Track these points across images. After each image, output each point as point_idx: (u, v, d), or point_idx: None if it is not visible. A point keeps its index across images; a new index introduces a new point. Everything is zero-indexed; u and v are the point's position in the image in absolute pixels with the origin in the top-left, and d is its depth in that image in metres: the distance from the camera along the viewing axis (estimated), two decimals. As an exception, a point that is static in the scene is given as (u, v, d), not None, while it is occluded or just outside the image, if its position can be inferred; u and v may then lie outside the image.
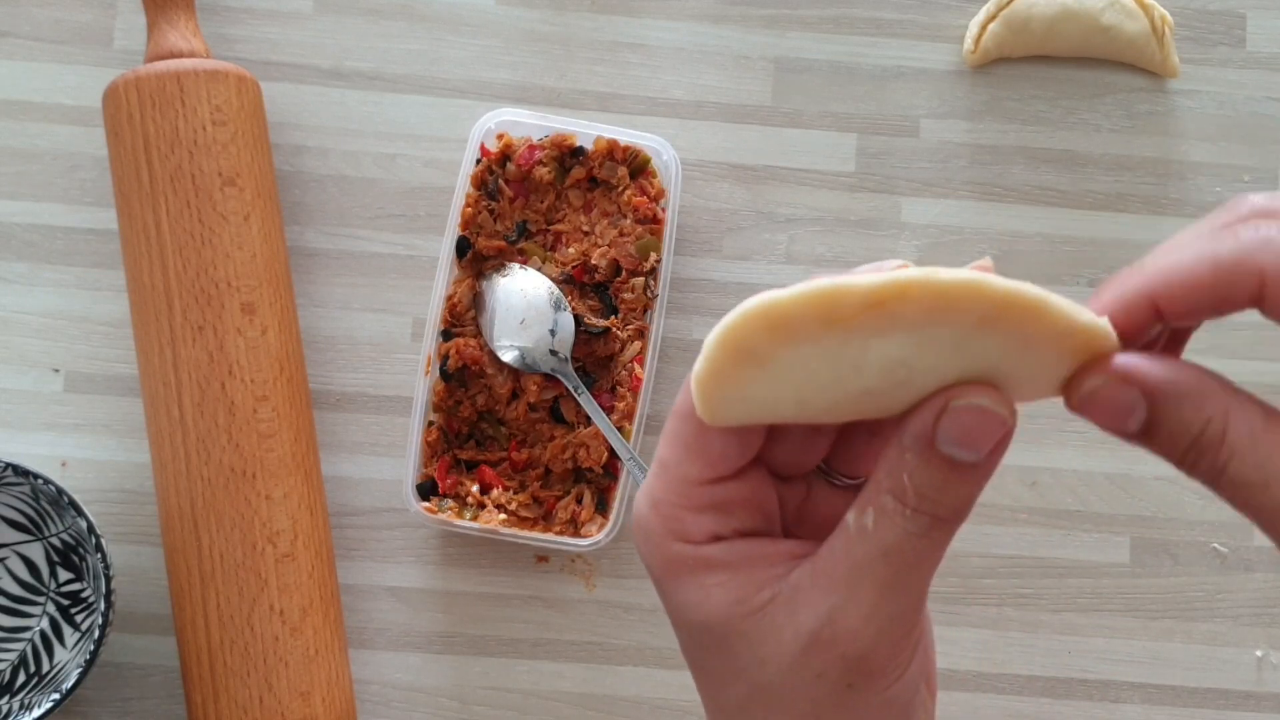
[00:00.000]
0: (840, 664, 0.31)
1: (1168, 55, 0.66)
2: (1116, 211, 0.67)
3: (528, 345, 0.62)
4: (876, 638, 0.31)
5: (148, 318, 0.59)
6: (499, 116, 0.63)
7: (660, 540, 0.33)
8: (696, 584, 0.33)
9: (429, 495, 0.62)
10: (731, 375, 0.30)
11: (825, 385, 0.30)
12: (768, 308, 0.29)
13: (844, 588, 0.31)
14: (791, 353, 0.30)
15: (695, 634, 0.33)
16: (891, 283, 0.28)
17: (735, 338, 0.30)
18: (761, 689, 0.32)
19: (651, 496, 0.33)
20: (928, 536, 0.31)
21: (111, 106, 0.60)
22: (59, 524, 0.61)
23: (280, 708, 0.58)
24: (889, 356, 0.30)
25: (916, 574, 0.31)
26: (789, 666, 0.32)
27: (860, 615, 0.31)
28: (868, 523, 0.31)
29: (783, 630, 0.32)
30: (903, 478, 0.30)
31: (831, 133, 0.67)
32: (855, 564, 0.31)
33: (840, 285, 0.29)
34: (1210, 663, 0.64)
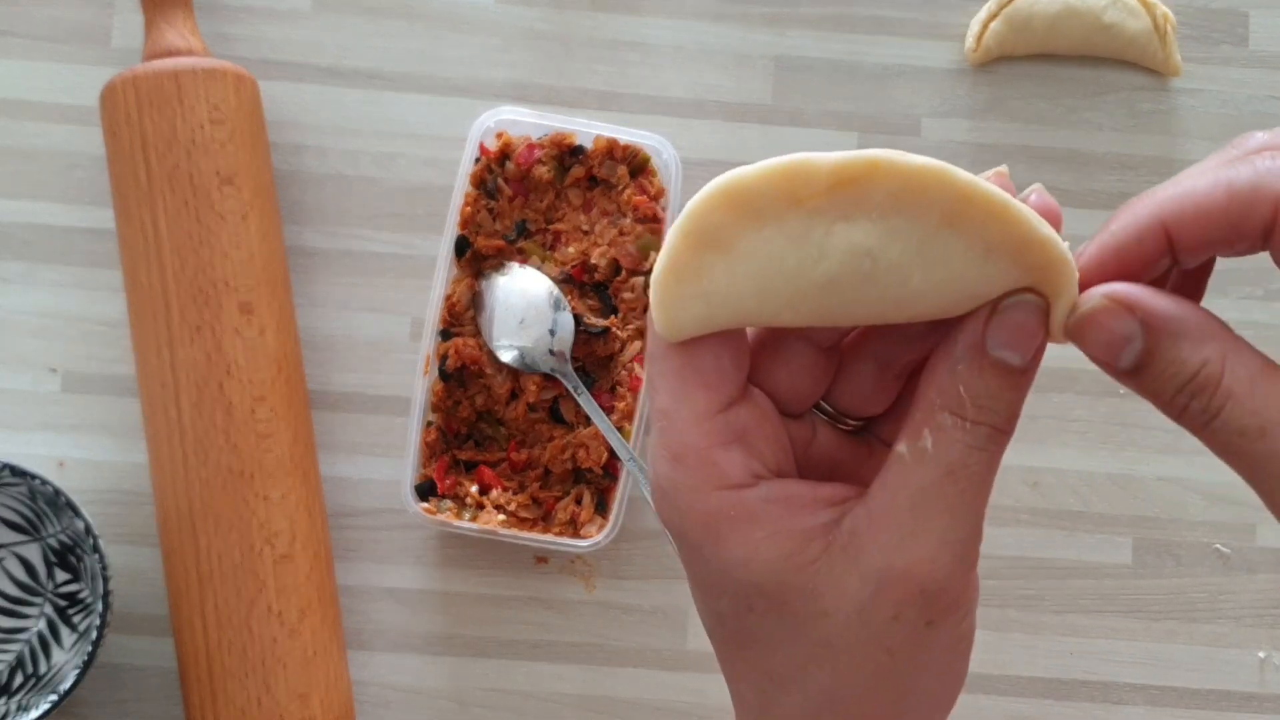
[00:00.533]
0: (919, 599, 0.30)
1: (1170, 54, 0.66)
2: (1119, 211, 0.67)
3: (527, 345, 0.62)
4: (951, 565, 0.30)
5: (145, 318, 0.59)
6: (498, 115, 0.63)
7: (696, 494, 0.31)
8: (742, 540, 0.30)
9: (428, 496, 0.62)
10: (692, 265, 0.29)
11: (788, 272, 0.29)
12: (732, 184, 0.28)
13: (910, 518, 0.30)
14: (755, 235, 0.29)
15: (744, 597, 0.31)
16: (860, 159, 0.28)
17: (697, 220, 0.29)
18: (825, 644, 0.31)
19: (671, 451, 0.31)
20: (986, 449, 0.30)
21: (109, 105, 0.60)
22: (56, 525, 0.61)
23: (278, 709, 0.58)
24: (853, 243, 0.29)
25: (980, 491, 0.30)
26: (858, 614, 0.30)
27: (932, 543, 0.30)
28: (926, 445, 0.30)
29: (845, 578, 0.30)
30: (958, 390, 0.30)
31: (832, 131, 0.67)
32: (918, 491, 0.30)
33: (808, 160, 0.29)
34: (1213, 664, 0.64)
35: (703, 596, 0.33)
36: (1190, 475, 0.65)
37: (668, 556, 0.64)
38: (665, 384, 0.31)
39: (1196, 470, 0.65)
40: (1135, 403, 0.65)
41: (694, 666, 0.63)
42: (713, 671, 0.63)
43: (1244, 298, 0.66)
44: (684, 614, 0.63)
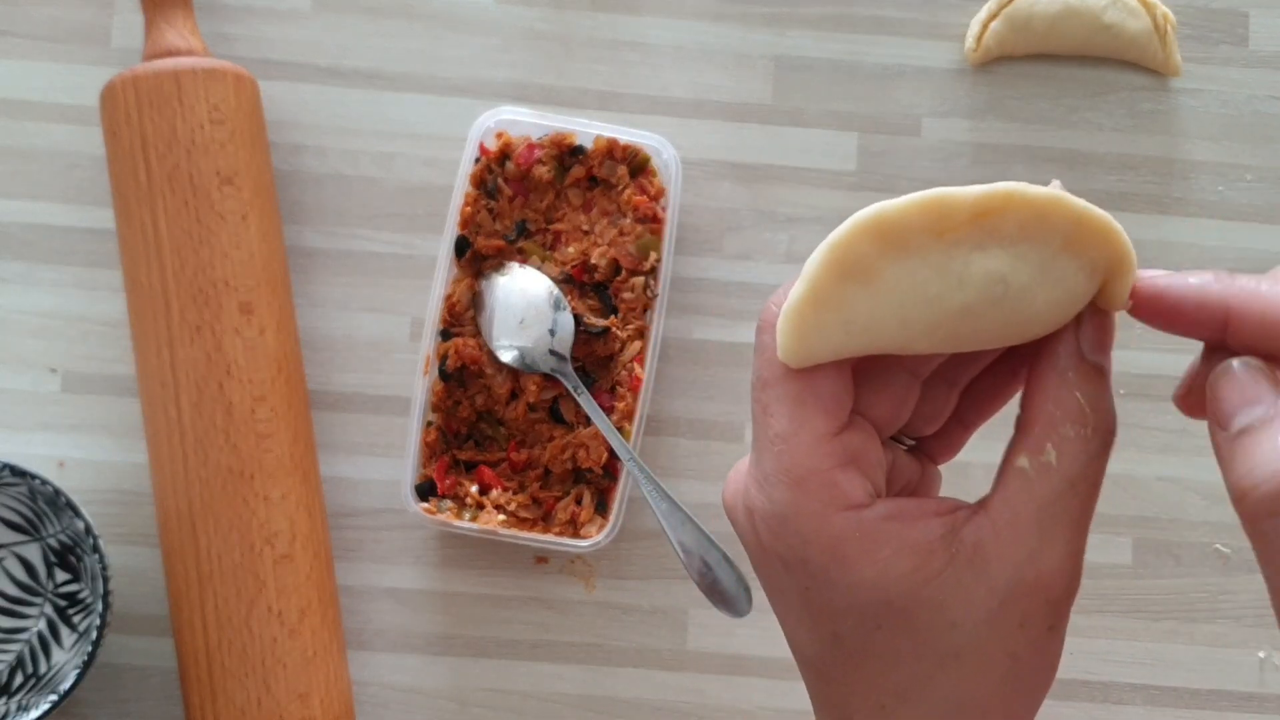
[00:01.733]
0: (1045, 608, 0.31)
1: (1170, 54, 0.66)
2: (1119, 211, 0.67)
3: (527, 345, 0.62)
4: (1073, 573, 0.32)
5: (145, 318, 0.59)
6: (498, 115, 0.63)
7: (820, 518, 0.31)
8: (870, 560, 0.31)
9: (428, 496, 0.62)
10: (834, 296, 0.30)
11: (929, 300, 0.31)
12: (879, 217, 0.30)
13: (1036, 530, 0.31)
14: (899, 266, 0.30)
15: (871, 616, 0.32)
16: (997, 193, 0.30)
17: (843, 251, 0.30)
18: (951, 654, 0.32)
19: (792, 476, 0.31)
20: (1101, 458, 0.32)
21: (109, 105, 0.60)
22: (56, 525, 0.61)
23: (278, 709, 0.58)
24: (989, 270, 0.30)
25: (1094, 500, 0.32)
26: (986, 623, 0.31)
27: (1059, 554, 0.31)
28: (1050, 460, 0.31)
29: (973, 589, 0.31)
30: (1076, 399, 0.31)
31: (833, 131, 0.67)
32: (1044, 504, 0.31)
33: (950, 194, 0.30)
34: (1213, 664, 0.64)
35: (817, 622, 0.33)
36: (1190, 475, 0.65)
37: (668, 556, 0.64)
38: (783, 409, 0.32)
39: (1196, 470, 0.65)
40: (1135, 402, 0.65)
41: (694, 666, 0.63)
42: (712, 671, 0.63)
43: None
44: (684, 614, 0.63)
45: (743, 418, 0.65)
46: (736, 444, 0.65)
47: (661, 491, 0.59)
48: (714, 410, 0.65)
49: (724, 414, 0.65)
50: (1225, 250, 0.66)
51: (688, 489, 0.64)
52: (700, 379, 0.65)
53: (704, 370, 0.65)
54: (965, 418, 0.38)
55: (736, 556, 0.59)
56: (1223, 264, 0.66)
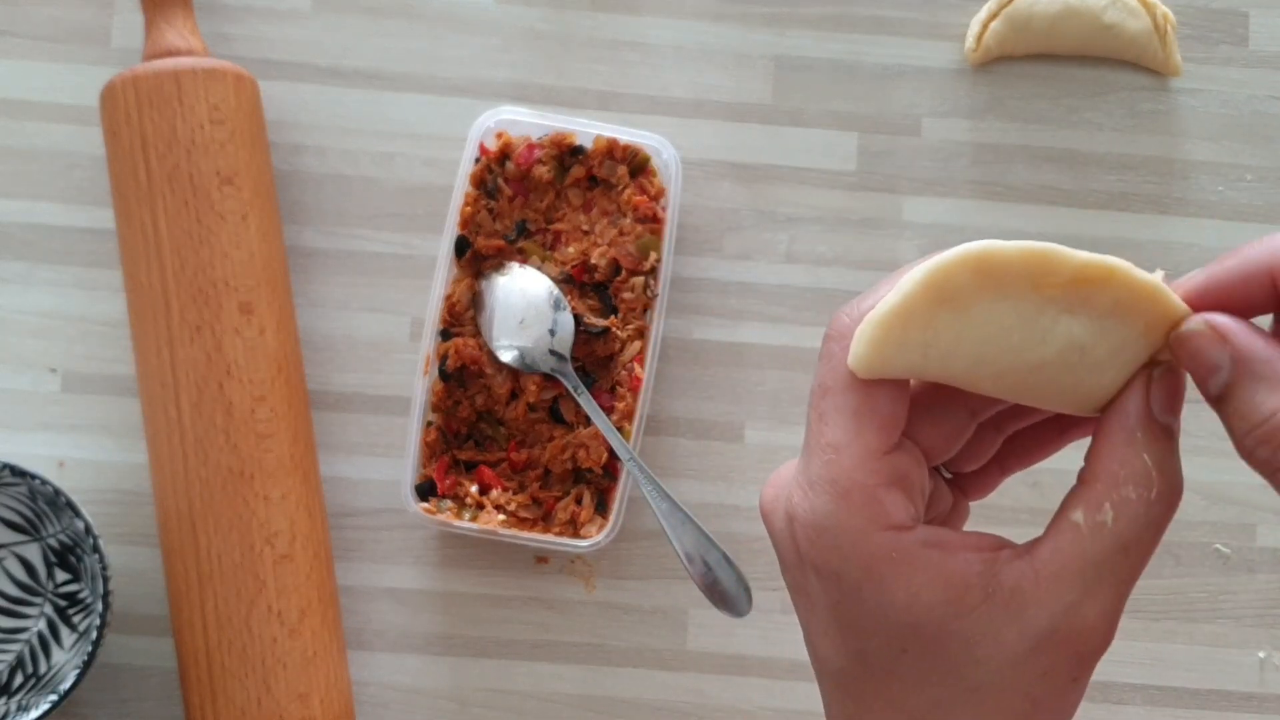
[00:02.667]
0: (1072, 660, 0.31)
1: (1170, 54, 0.66)
2: (1119, 211, 0.67)
3: (527, 345, 0.62)
4: (1108, 632, 0.31)
5: (145, 318, 0.59)
6: (498, 115, 0.63)
7: (860, 534, 0.31)
8: (904, 583, 0.31)
9: (428, 496, 0.62)
10: (923, 316, 0.31)
11: (1009, 347, 0.31)
12: (986, 254, 0.30)
13: (1079, 586, 0.31)
14: (991, 305, 0.31)
15: (898, 639, 0.32)
16: (1103, 265, 0.30)
17: (944, 275, 0.30)
18: (971, 689, 0.32)
19: (838, 488, 0.32)
20: (1162, 523, 0.31)
21: (109, 105, 0.60)
22: (56, 525, 0.61)
23: (278, 709, 0.58)
24: (1073, 335, 0.31)
25: (1143, 566, 0.32)
26: (1011, 666, 0.31)
27: (1097, 612, 0.31)
28: (1105, 520, 0.31)
29: (1004, 630, 0.31)
30: (1143, 461, 0.31)
31: (832, 131, 0.67)
32: (1092, 561, 0.31)
33: (1059, 251, 0.30)
34: (1212, 664, 0.64)
35: (845, 637, 0.33)
36: (1190, 475, 0.64)
37: (668, 556, 0.64)
38: (840, 419, 0.32)
39: (1196, 470, 0.65)
40: (1135, 403, 0.65)
41: (694, 666, 0.63)
42: (712, 672, 0.63)
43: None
44: (684, 614, 0.63)
45: (743, 417, 0.65)
46: (736, 444, 0.65)
47: (661, 491, 0.59)
48: (714, 410, 0.65)
49: (724, 414, 0.65)
50: (1225, 250, 0.66)
51: (688, 489, 0.64)
52: (700, 379, 0.65)
53: (704, 370, 0.65)
54: (1005, 463, 0.38)
55: (736, 556, 0.59)
56: (1223, 264, 0.66)
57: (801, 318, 0.65)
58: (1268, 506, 0.65)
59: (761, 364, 0.65)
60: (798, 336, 0.65)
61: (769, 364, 0.65)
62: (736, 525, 0.64)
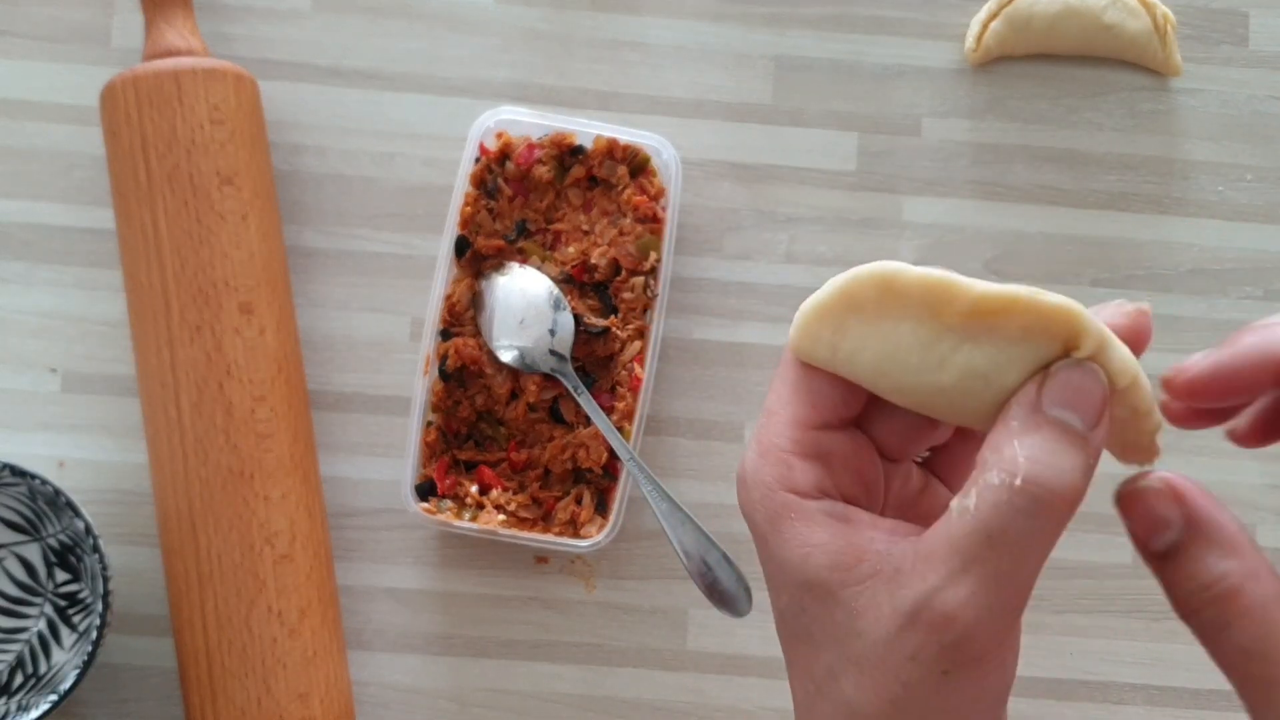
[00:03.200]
0: (936, 647, 0.31)
1: (1170, 54, 0.66)
2: (1119, 211, 0.67)
3: (527, 345, 0.62)
4: (974, 625, 0.30)
5: (145, 318, 0.59)
6: (498, 115, 0.63)
7: (768, 489, 0.34)
8: (799, 541, 0.33)
9: (428, 496, 0.62)
10: (835, 315, 0.33)
11: (907, 367, 0.32)
12: (889, 274, 0.32)
13: (944, 570, 0.30)
14: (892, 324, 0.32)
15: (795, 593, 0.33)
16: (1002, 297, 0.30)
17: (855, 284, 0.32)
18: (853, 660, 0.32)
19: (760, 445, 0.34)
20: (1035, 518, 0.30)
21: (109, 105, 0.60)
22: (56, 525, 0.61)
23: (278, 709, 0.57)
24: (973, 364, 0.31)
25: (1021, 564, 0.30)
26: (884, 643, 0.31)
27: (958, 600, 0.30)
28: (970, 504, 0.30)
29: (881, 606, 0.31)
30: (1012, 445, 0.30)
31: (832, 131, 0.67)
32: (957, 546, 0.30)
33: (956, 283, 0.31)
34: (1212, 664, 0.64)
35: (770, 590, 0.35)
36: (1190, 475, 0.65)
37: (668, 556, 0.64)
38: (779, 387, 0.35)
39: (1196, 471, 0.65)
40: (1135, 403, 0.65)
41: (694, 666, 0.63)
42: (712, 671, 0.63)
43: (1244, 298, 0.66)
44: (684, 614, 0.63)
45: (742, 417, 0.65)
46: (736, 444, 0.65)
47: (661, 491, 0.59)
48: (714, 410, 0.65)
49: (724, 414, 0.65)
50: (1225, 250, 0.66)
51: (688, 489, 0.64)
52: (700, 379, 0.65)
53: (704, 370, 0.65)
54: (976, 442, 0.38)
55: (736, 556, 0.59)
56: (1223, 264, 0.66)
57: (801, 318, 0.65)
58: (1268, 506, 0.65)
59: (761, 364, 0.65)
60: (798, 336, 0.65)
61: (769, 364, 0.65)
62: (736, 525, 0.64)
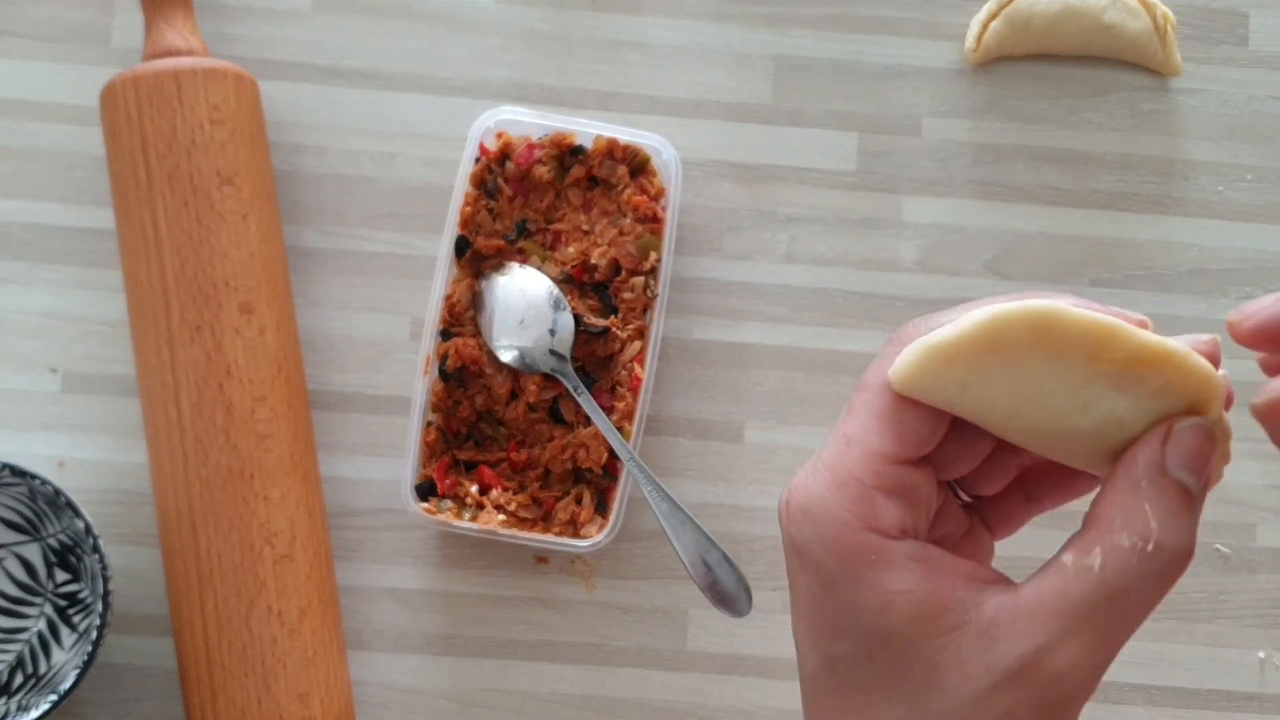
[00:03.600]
0: (1037, 706, 0.30)
1: (1170, 54, 0.66)
2: (1119, 211, 0.67)
3: (527, 345, 0.62)
4: (1083, 683, 0.30)
5: (145, 318, 0.59)
6: (498, 115, 0.63)
7: (845, 526, 0.31)
8: (878, 587, 0.31)
9: (428, 496, 0.62)
10: (970, 358, 0.31)
11: (1048, 409, 0.31)
12: (1051, 316, 0.30)
13: (1057, 629, 0.30)
14: (1041, 367, 0.31)
15: (866, 645, 0.31)
16: (1162, 350, 0.30)
17: (1002, 326, 0.31)
18: (930, 716, 0.31)
19: (836, 475, 0.31)
20: (1161, 581, 0.30)
21: (109, 105, 0.60)
22: (56, 525, 0.61)
23: (278, 709, 0.57)
24: (1116, 412, 0.31)
25: (1134, 623, 0.30)
26: (972, 701, 0.30)
27: (1070, 659, 0.30)
28: (1093, 564, 0.30)
29: (971, 662, 0.30)
30: (1144, 510, 0.30)
31: (832, 131, 0.67)
32: (1073, 605, 0.30)
33: (1122, 329, 0.30)
34: (1213, 664, 0.64)
35: (820, 637, 0.33)
36: (1190, 475, 0.65)
37: (668, 556, 0.64)
38: (865, 415, 0.32)
39: (1196, 470, 0.65)
40: (1135, 403, 0.65)
41: (694, 666, 0.63)
42: (712, 671, 0.63)
43: (1244, 298, 0.66)
44: (684, 614, 0.63)
45: (742, 418, 0.65)
46: (736, 444, 0.65)
47: (661, 491, 0.59)
48: (714, 410, 0.65)
49: (724, 414, 0.65)
50: (1225, 250, 0.66)
51: (688, 489, 0.64)
52: (700, 379, 0.65)
53: (704, 370, 0.65)
54: (1033, 493, 0.38)
55: (736, 556, 0.59)
56: (1223, 264, 0.66)
57: (801, 318, 0.65)
58: (1268, 506, 0.65)
59: (761, 364, 0.65)
60: (798, 336, 0.65)
61: (769, 364, 0.65)
62: (736, 525, 0.64)
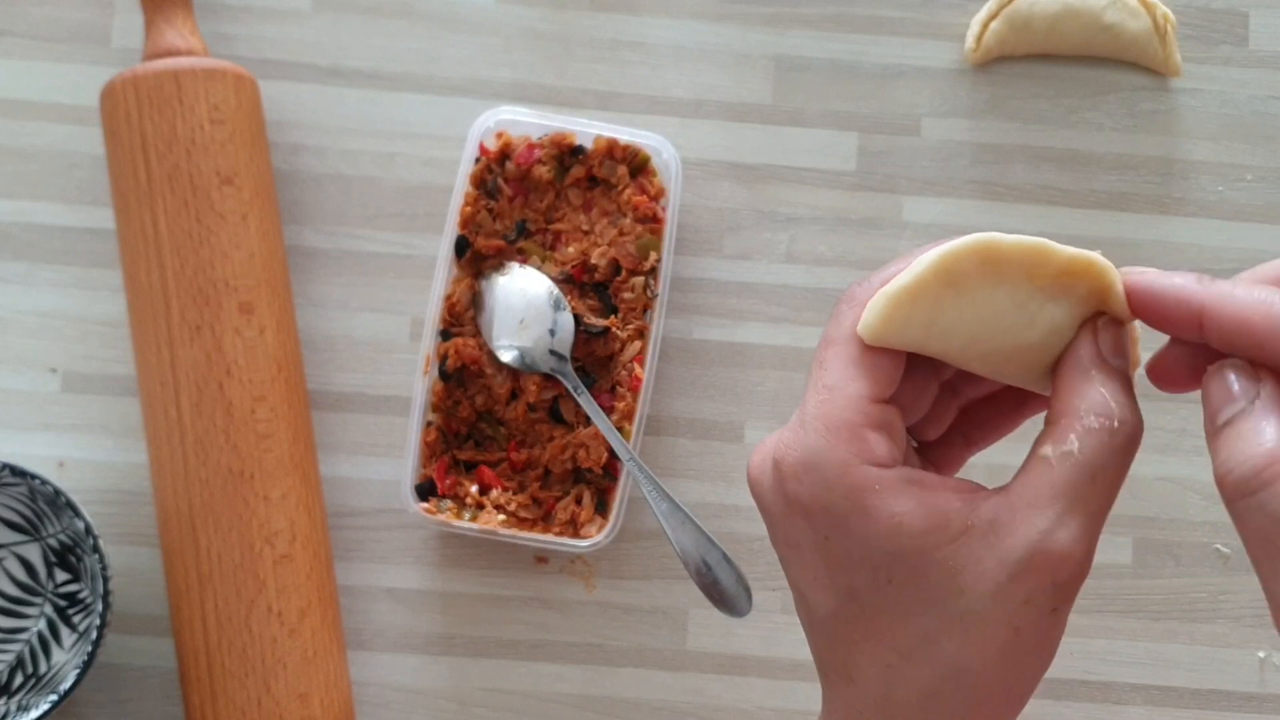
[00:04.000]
0: (1050, 587, 0.33)
1: (1170, 54, 0.66)
2: (1119, 210, 0.67)
3: (527, 345, 0.62)
4: (1084, 558, 0.33)
5: (145, 318, 0.59)
6: (498, 115, 0.63)
7: (845, 466, 0.34)
8: (886, 512, 0.33)
9: (428, 496, 0.62)
10: (931, 295, 0.34)
11: (999, 330, 0.35)
12: (989, 242, 0.34)
13: (1052, 513, 0.32)
14: (991, 291, 0.34)
15: (884, 569, 0.34)
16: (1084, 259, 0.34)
17: (953, 260, 0.34)
18: (956, 619, 0.33)
19: (828, 422, 0.34)
20: (1127, 454, 0.33)
21: (109, 105, 0.60)
22: (56, 525, 0.61)
23: (278, 709, 0.58)
24: (1055, 320, 0.34)
25: (1112, 495, 0.33)
26: (992, 594, 0.33)
27: (1070, 539, 0.32)
28: (1072, 449, 0.33)
29: (984, 559, 0.33)
30: (1100, 393, 0.33)
31: (832, 131, 0.67)
32: (1062, 490, 0.33)
33: (1050, 246, 0.34)
34: (1213, 664, 0.64)
35: (833, 574, 0.35)
36: (1190, 475, 0.65)
37: (668, 556, 0.64)
38: (839, 365, 0.35)
39: (1196, 470, 0.65)
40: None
41: (694, 666, 0.63)
42: (712, 671, 0.63)
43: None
44: (684, 614, 0.63)
45: (743, 417, 0.65)
46: (736, 444, 0.65)
47: (661, 491, 0.59)
48: (714, 410, 0.65)
49: (724, 414, 0.65)
50: (1225, 250, 0.66)
51: (688, 489, 0.64)
52: (700, 379, 0.65)
53: (704, 370, 0.65)
54: (969, 434, 0.40)
55: (737, 556, 0.59)
56: (1223, 264, 0.66)
57: (801, 318, 0.65)
58: (1268, 506, 0.65)
59: (761, 364, 0.65)
60: (798, 336, 0.65)
61: (769, 364, 0.65)
62: (736, 525, 0.64)
